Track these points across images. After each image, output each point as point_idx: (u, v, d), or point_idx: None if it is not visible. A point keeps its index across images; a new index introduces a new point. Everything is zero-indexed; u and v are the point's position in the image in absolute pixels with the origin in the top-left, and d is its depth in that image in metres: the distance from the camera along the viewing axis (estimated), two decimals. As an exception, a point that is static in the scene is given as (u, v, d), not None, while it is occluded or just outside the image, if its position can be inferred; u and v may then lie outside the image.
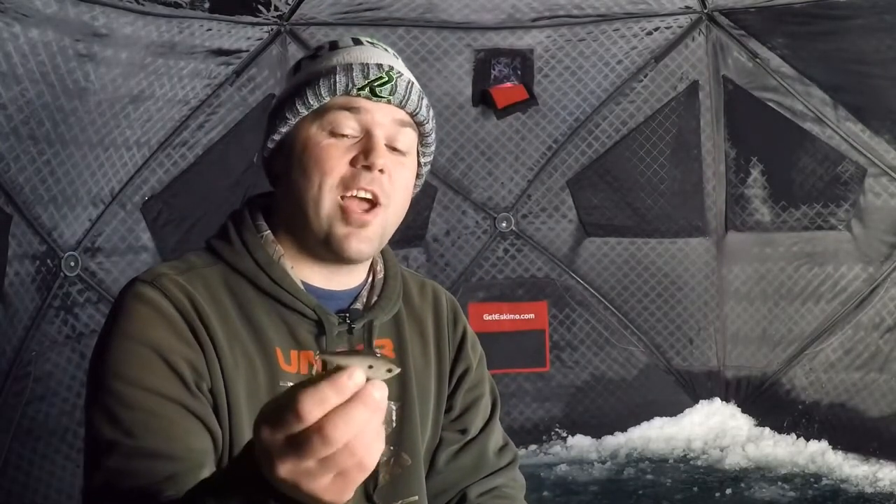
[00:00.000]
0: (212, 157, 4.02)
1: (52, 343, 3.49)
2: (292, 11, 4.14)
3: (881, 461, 4.04)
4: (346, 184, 1.35)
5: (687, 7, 4.46)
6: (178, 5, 3.61)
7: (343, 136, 1.37)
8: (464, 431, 1.58)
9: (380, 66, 1.38)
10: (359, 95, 1.37)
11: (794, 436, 4.38)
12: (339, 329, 1.39)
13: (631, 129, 4.61)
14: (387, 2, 4.27)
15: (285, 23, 4.16)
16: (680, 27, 4.51)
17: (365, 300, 1.46)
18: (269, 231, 1.42)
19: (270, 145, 1.43)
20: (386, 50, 1.46)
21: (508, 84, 4.51)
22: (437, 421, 1.54)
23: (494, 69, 4.51)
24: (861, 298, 4.26)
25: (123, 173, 3.73)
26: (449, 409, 1.56)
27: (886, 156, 4.13)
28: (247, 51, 4.04)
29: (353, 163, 1.35)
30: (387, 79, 1.38)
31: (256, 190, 1.55)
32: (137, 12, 3.48)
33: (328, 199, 1.35)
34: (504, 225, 4.67)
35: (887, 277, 4.18)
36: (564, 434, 4.66)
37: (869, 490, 3.82)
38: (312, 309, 1.37)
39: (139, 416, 1.22)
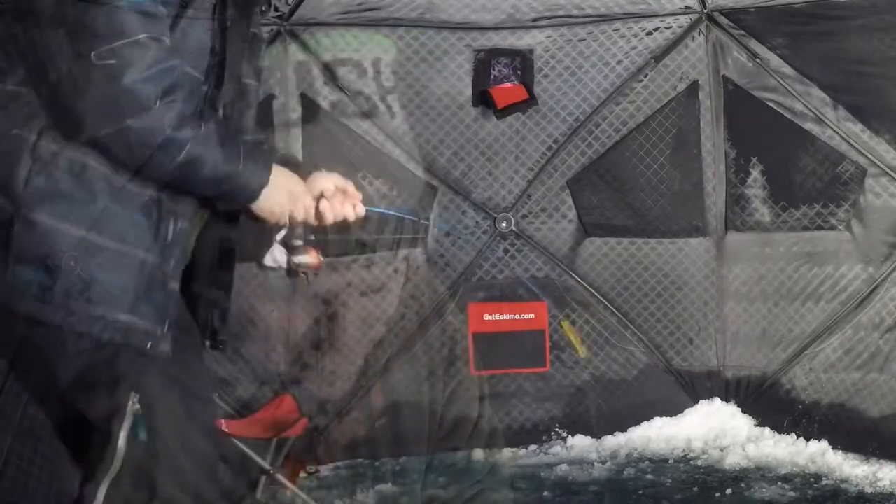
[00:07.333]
0: (212, 157, 4.00)
1: (52, 343, 3.47)
2: (292, 11, 4.13)
3: (881, 461, 4.03)
4: None
5: (687, 7, 4.45)
6: (178, 5, 3.60)
7: None
8: None
9: None
10: None
11: (794, 436, 4.37)
12: None
13: (631, 129, 4.60)
14: (387, 2, 4.27)
15: (285, 23, 4.16)
16: (680, 27, 4.50)
17: None
18: None
19: None
20: None
21: (508, 84, 4.51)
22: None
23: (494, 69, 4.50)
24: (861, 298, 4.25)
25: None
26: None
27: (886, 156, 4.12)
28: (247, 51, 4.04)
29: None
30: None
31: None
32: (137, 12, 3.46)
33: None
34: (504, 225, 4.66)
35: (887, 277, 4.17)
36: (564, 434, 4.66)
37: (869, 490, 3.82)
38: None
39: None
